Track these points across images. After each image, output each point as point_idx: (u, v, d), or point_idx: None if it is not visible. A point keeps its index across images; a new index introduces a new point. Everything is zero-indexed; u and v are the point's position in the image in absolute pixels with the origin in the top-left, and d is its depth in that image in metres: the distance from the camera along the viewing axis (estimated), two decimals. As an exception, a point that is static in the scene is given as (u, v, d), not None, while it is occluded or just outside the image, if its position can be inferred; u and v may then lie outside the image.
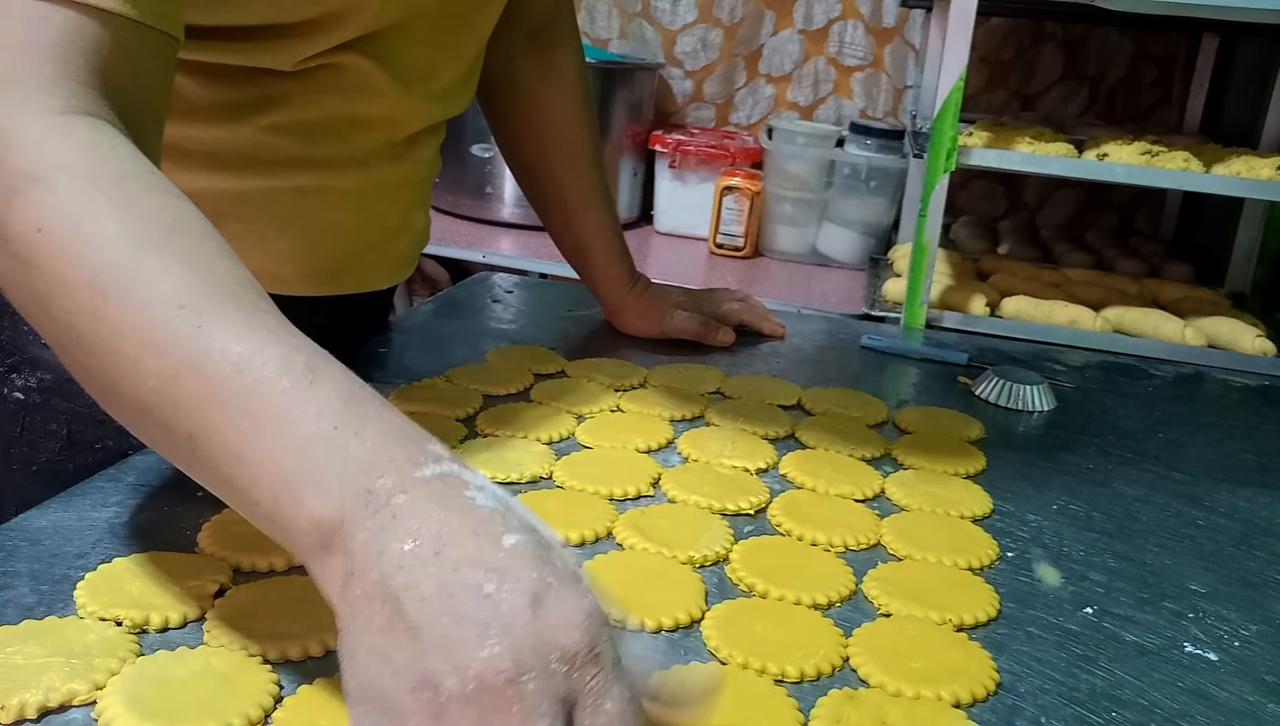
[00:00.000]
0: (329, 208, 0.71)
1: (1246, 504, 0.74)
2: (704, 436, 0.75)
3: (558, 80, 0.91)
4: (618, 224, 0.97)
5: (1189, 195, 1.69)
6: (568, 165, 0.92)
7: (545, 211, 0.96)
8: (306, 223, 0.70)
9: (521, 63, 0.90)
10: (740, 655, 0.50)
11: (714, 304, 0.99)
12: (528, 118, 0.91)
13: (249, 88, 0.63)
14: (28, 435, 0.66)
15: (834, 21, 1.84)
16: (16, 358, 0.66)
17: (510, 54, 0.89)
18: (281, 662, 0.47)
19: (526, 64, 0.90)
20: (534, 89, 0.90)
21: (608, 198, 0.95)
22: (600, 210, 0.94)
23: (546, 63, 0.90)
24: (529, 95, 0.90)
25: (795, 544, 0.62)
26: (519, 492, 0.65)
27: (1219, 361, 1.12)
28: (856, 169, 1.61)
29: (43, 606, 0.50)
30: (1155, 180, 1.15)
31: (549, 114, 0.91)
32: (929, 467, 0.74)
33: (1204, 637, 0.56)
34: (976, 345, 1.07)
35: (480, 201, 1.70)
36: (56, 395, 0.66)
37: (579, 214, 0.93)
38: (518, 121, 0.92)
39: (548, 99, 0.91)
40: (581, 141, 0.92)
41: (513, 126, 0.92)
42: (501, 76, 0.90)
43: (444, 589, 0.34)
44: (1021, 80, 1.84)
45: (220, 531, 0.57)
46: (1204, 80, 1.73)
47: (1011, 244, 1.67)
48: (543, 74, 0.90)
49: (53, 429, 0.66)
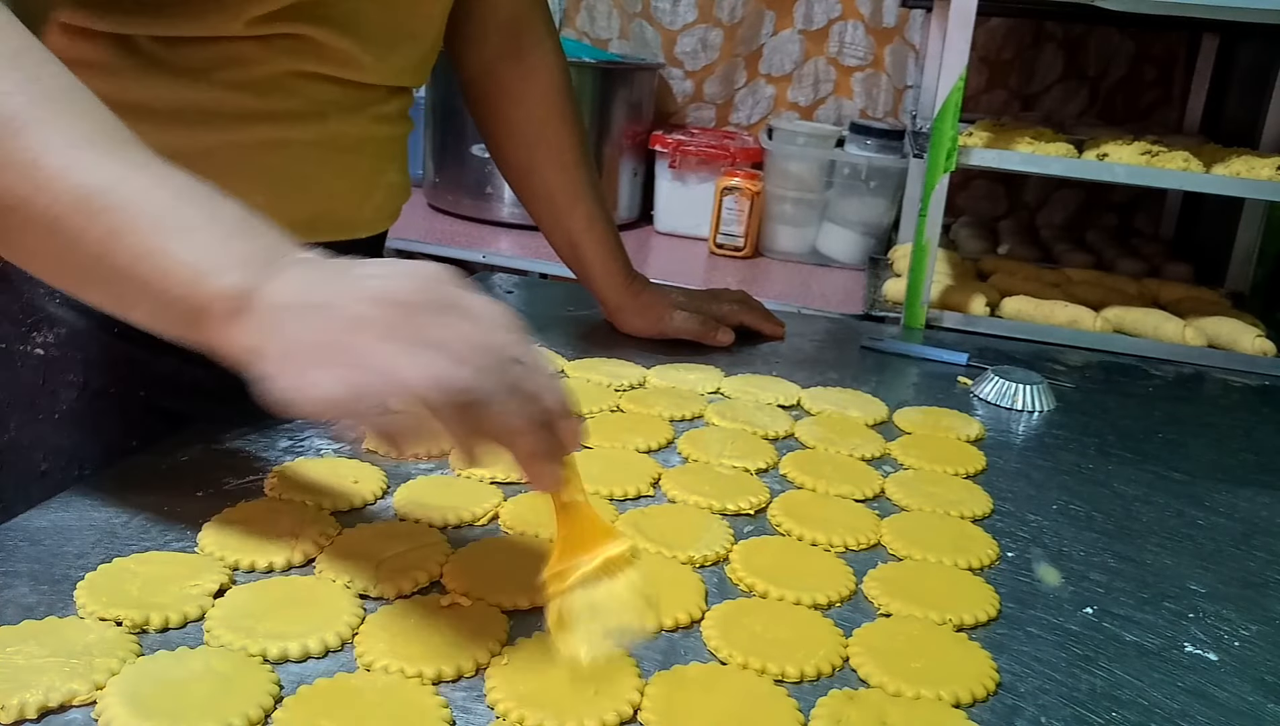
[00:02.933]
0: (292, 160, 0.73)
1: (1246, 504, 0.74)
2: (704, 436, 0.75)
3: (536, 79, 0.92)
4: (611, 220, 0.97)
5: (1189, 195, 1.69)
6: (552, 162, 0.93)
7: (536, 211, 0.96)
8: (274, 175, 0.72)
9: (499, 66, 0.91)
10: (740, 655, 0.50)
11: (714, 304, 1.00)
12: (509, 118, 0.93)
13: (208, 49, 0.66)
14: (49, 386, 0.71)
15: (834, 21, 1.84)
16: (36, 317, 0.70)
17: (487, 58, 0.91)
18: (281, 662, 0.47)
19: (504, 66, 0.92)
20: (512, 89, 0.92)
21: (597, 193, 0.96)
22: (589, 204, 0.95)
23: (524, 63, 0.92)
24: (508, 95, 0.92)
25: (795, 544, 0.62)
26: (519, 493, 0.65)
27: (1219, 361, 1.12)
28: (856, 169, 1.61)
29: (43, 606, 0.50)
30: (1155, 180, 1.15)
31: (530, 113, 0.92)
32: (929, 467, 0.74)
33: (1204, 637, 0.56)
34: (976, 345, 1.07)
35: (480, 201, 1.70)
36: (72, 347, 0.71)
37: (568, 210, 0.94)
38: (501, 124, 0.94)
39: (526, 97, 0.92)
40: (565, 138, 0.93)
41: (498, 129, 0.94)
42: (482, 80, 0.92)
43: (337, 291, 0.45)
44: (1021, 80, 1.84)
45: (220, 531, 0.57)
46: (1204, 80, 1.72)
47: (1011, 244, 1.67)
48: (522, 74, 0.92)
49: (70, 378, 0.71)
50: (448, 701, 0.45)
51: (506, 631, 0.51)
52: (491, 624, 0.51)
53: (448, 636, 0.49)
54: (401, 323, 0.43)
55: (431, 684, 0.47)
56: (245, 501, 0.61)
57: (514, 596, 0.53)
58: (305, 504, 0.61)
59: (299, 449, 0.68)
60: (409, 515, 0.61)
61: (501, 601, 0.53)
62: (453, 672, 0.47)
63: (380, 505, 0.63)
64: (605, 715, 0.45)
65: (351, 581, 0.54)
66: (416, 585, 0.54)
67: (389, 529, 0.60)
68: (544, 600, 0.48)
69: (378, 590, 0.53)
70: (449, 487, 0.65)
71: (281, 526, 0.58)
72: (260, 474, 0.64)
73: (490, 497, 0.63)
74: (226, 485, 0.63)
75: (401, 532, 0.59)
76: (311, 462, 0.66)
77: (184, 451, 0.67)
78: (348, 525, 0.59)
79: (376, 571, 0.54)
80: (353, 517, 0.61)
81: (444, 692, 0.46)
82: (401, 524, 0.61)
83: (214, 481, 0.63)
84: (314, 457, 0.67)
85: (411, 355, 0.43)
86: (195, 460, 0.66)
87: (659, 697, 0.46)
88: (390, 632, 0.49)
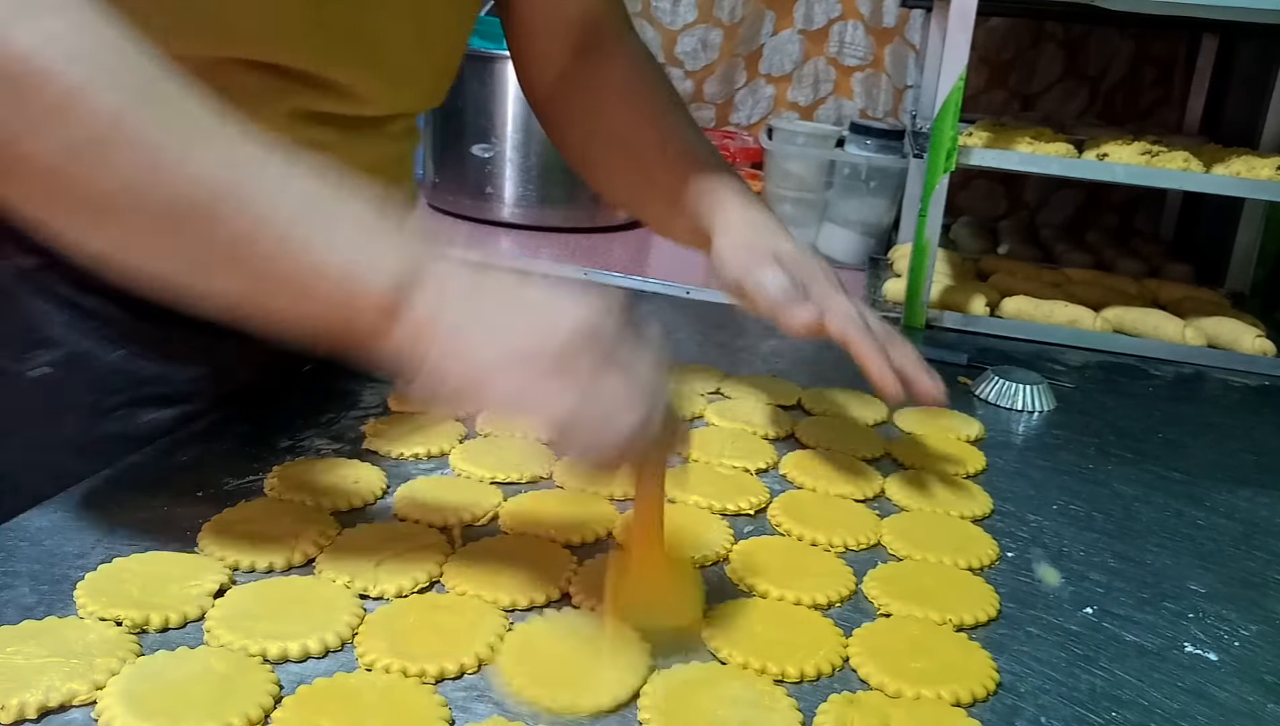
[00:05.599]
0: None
1: (1246, 504, 0.74)
2: (704, 436, 0.75)
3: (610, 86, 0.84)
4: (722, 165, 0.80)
5: (1189, 195, 1.69)
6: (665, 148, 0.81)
7: (649, 215, 0.87)
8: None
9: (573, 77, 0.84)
10: (740, 655, 0.50)
11: (814, 283, 0.71)
12: (594, 132, 0.84)
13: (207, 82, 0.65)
14: (52, 409, 0.69)
15: (834, 21, 1.84)
16: (36, 335, 0.68)
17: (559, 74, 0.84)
18: (281, 662, 0.47)
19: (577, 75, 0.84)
20: (594, 102, 0.84)
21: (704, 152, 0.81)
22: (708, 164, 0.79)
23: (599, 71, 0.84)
24: (590, 111, 0.84)
25: (795, 544, 0.62)
26: (519, 493, 0.65)
27: (1219, 361, 1.12)
28: (856, 169, 1.61)
29: (43, 606, 0.50)
30: (1155, 180, 1.15)
31: (618, 120, 0.83)
32: (929, 468, 0.74)
33: (1204, 637, 0.56)
34: (976, 345, 1.07)
35: (480, 201, 1.69)
36: (75, 368, 0.69)
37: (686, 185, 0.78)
38: (598, 141, 0.84)
39: (605, 106, 0.83)
40: (669, 129, 0.82)
41: (596, 151, 0.84)
42: (559, 98, 0.85)
43: (501, 307, 0.47)
44: (1021, 80, 1.84)
45: (220, 531, 0.57)
46: (1204, 80, 1.72)
47: (1011, 244, 1.67)
48: (599, 84, 0.84)
49: (73, 400, 0.69)
50: (447, 701, 0.45)
51: (506, 630, 0.51)
52: (492, 623, 0.51)
53: (448, 636, 0.49)
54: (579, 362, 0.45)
55: (431, 683, 0.47)
56: (245, 501, 0.61)
57: (514, 595, 0.53)
58: (305, 504, 0.61)
59: (299, 449, 0.68)
60: (409, 515, 0.61)
61: (501, 600, 0.53)
62: (455, 670, 0.47)
63: (380, 505, 0.63)
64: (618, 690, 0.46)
65: (351, 581, 0.54)
66: (416, 585, 0.54)
67: (389, 529, 0.60)
68: (614, 557, 0.55)
69: (378, 590, 0.53)
70: (449, 487, 0.65)
71: (281, 526, 0.58)
72: (260, 474, 0.64)
73: (490, 497, 0.63)
74: (226, 485, 0.63)
75: (401, 532, 0.59)
76: (311, 462, 0.66)
77: (184, 451, 0.67)
78: (348, 525, 0.59)
79: (376, 571, 0.54)
80: (353, 517, 0.61)
81: (444, 692, 0.46)
82: (401, 524, 0.61)
83: (214, 481, 0.63)
84: (314, 457, 0.67)
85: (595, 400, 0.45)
86: (195, 460, 0.66)
87: (659, 697, 0.46)
88: (390, 632, 0.49)
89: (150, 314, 0.66)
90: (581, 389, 0.45)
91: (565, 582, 0.55)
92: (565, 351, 0.45)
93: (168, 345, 0.70)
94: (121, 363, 0.69)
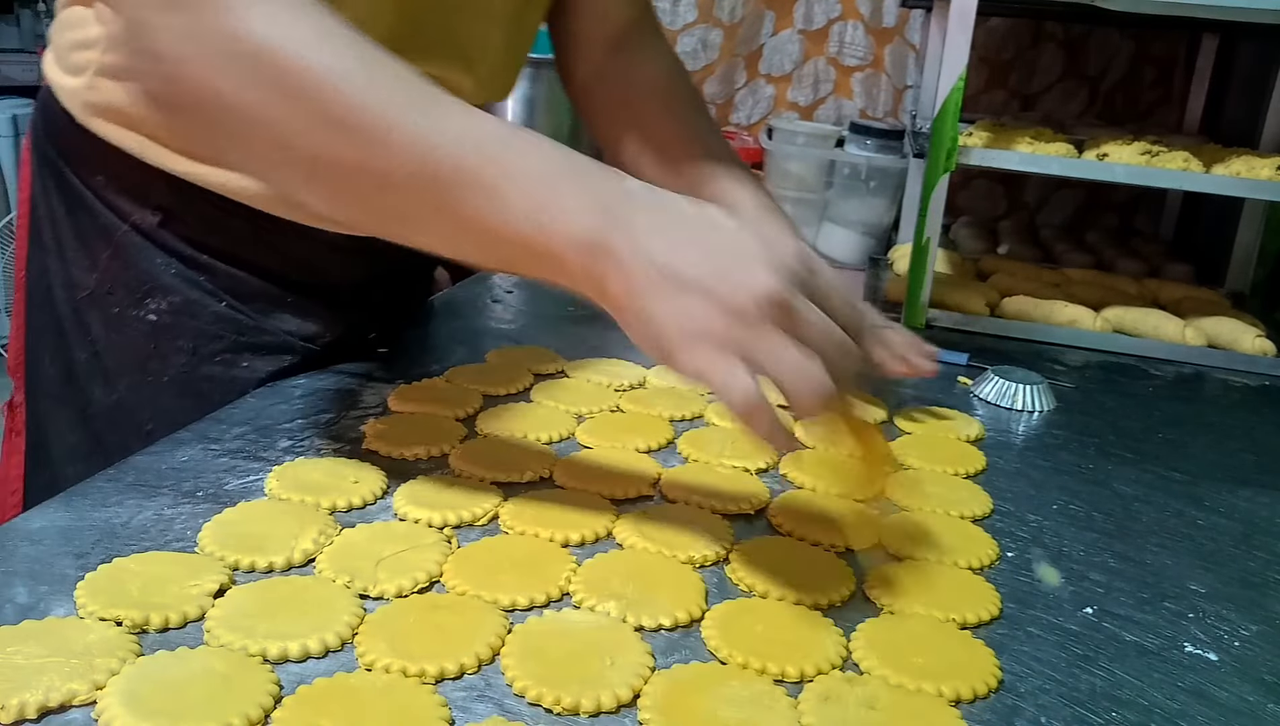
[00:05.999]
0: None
1: (1246, 504, 0.74)
2: (704, 436, 0.75)
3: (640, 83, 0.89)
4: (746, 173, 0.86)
5: (1189, 195, 1.69)
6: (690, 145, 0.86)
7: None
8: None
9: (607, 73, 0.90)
10: (740, 655, 0.50)
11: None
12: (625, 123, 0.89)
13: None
14: (160, 351, 0.75)
15: (834, 21, 1.84)
16: (149, 285, 0.74)
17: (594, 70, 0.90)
18: (281, 662, 0.47)
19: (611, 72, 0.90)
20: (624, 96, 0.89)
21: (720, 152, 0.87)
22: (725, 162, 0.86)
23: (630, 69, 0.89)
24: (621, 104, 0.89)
25: (795, 544, 0.62)
26: (519, 493, 0.65)
27: (1219, 361, 1.12)
28: (856, 169, 1.61)
29: (42, 606, 0.50)
30: (1155, 180, 1.15)
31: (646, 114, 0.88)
32: (929, 467, 0.74)
33: (1204, 637, 0.56)
34: (976, 345, 1.07)
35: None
36: (183, 315, 0.74)
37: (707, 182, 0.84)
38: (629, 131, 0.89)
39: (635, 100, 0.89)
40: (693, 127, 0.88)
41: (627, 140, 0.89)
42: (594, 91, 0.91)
43: (702, 253, 0.50)
44: (1021, 80, 1.84)
45: (220, 531, 0.57)
46: (1204, 80, 1.72)
47: (1011, 244, 1.67)
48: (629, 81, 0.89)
49: (179, 345, 0.75)
50: (447, 701, 0.45)
51: (506, 630, 0.51)
52: (492, 623, 0.51)
53: (448, 635, 0.49)
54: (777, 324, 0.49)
55: (431, 683, 0.47)
56: (245, 501, 0.61)
57: (514, 595, 0.53)
58: (305, 504, 0.61)
59: (299, 449, 0.68)
60: (409, 515, 0.61)
61: (501, 600, 0.53)
62: (454, 670, 0.47)
63: (380, 505, 0.63)
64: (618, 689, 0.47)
65: (351, 581, 0.54)
66: (416, 585, 0.54)
67: (389, 529, 0.60)
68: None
69: (377, 590, 0.53)
70: (449, 487, 0.65)
71: (281, 526, 0.58)
72: (260, 474, 0.64)
73: (490, 497, 0.63)
74: (226, 485, 0.63)
75: (401, 533, 0.59)
76: (311, 462, 0.66)
77: (184, 451, 0.67)
78: (348, 525, 0.59)
79: (376, 571, 0.54)
80: (353, 517, 0.61)
81: (444, 692, 0.46)
82: (401, 524, 0.61)
83: (214, 481, 0.63)
84: (314, 457, 0.67)
85: (798, 366, 0.49)
86: (195, 460, 0.66)
87: (659, 697, 0.46)
88: (390, 632, 0.49)
89: (253, 271, 0.76)
90: (763, 361, 0.49)
91: (565, 582, 0.55)
92: (749, 323, 0.49)
93: (264, 300, 0.77)
94: (224, 312, 0.75)
